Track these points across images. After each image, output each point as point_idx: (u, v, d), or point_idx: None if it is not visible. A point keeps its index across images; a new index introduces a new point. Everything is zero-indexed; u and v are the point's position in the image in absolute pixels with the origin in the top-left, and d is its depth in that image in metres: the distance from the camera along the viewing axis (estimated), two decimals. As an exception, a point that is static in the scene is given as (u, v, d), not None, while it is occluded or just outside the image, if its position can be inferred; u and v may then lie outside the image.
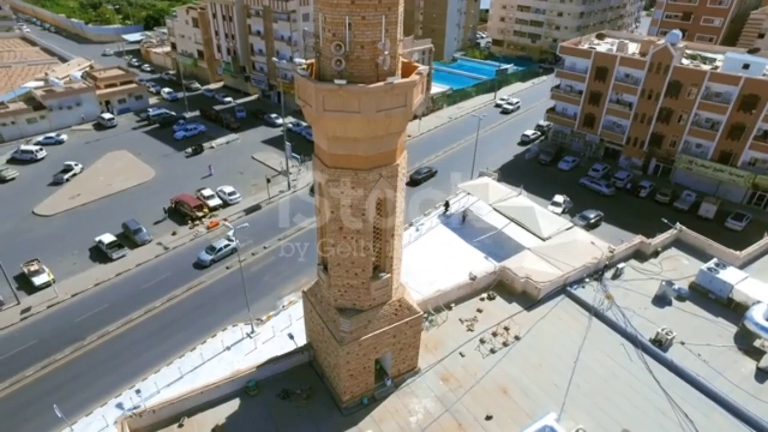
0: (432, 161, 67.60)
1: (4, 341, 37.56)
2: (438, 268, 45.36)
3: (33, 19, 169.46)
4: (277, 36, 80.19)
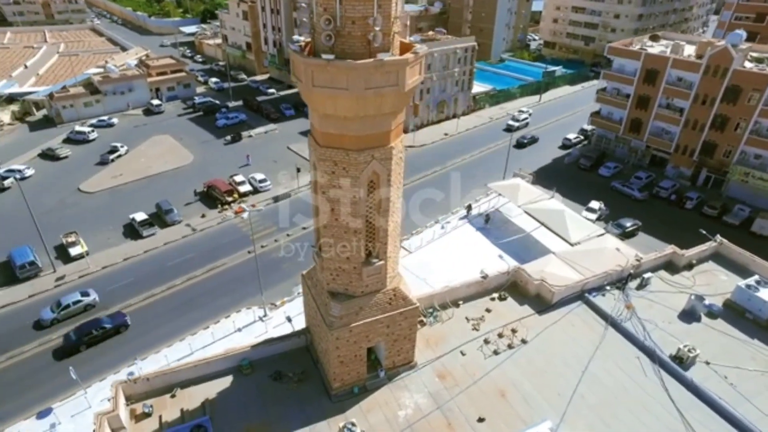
0: (465, 161, 66.22)
1: (36, 306, 39.75)
2: (459, 266, 44.32)
3: (104, 13, 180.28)
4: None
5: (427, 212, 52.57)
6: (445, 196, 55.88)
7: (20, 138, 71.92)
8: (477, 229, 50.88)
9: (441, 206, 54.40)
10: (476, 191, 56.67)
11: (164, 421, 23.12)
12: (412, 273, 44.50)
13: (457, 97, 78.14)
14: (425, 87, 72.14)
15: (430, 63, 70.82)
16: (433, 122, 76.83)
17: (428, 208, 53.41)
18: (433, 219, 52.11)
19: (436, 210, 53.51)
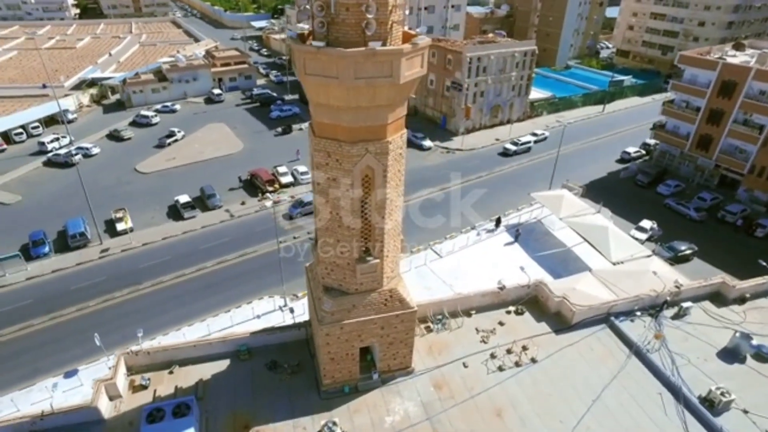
0: (513, 168, 63.76)
1: (81, 274, 42.55)
2: (488, 276, 42.70)
3: (185, 6, 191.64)
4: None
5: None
6: (482, 202, 54.16)
7: (95, 119, 77.66)
8: (514, 238, 48.75)
9: (481, 212, 52.66)
10: (519, 200, 54.35)
11: (158, 395, 23.72)
12: (439, 278, 43.49)
13: (512, 102, 75.49)
14: (479, 90, 70.26)
15: (486, 66, 68.85)
16: (486, 126, 74.69)
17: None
18: (469, 225, 50.49)
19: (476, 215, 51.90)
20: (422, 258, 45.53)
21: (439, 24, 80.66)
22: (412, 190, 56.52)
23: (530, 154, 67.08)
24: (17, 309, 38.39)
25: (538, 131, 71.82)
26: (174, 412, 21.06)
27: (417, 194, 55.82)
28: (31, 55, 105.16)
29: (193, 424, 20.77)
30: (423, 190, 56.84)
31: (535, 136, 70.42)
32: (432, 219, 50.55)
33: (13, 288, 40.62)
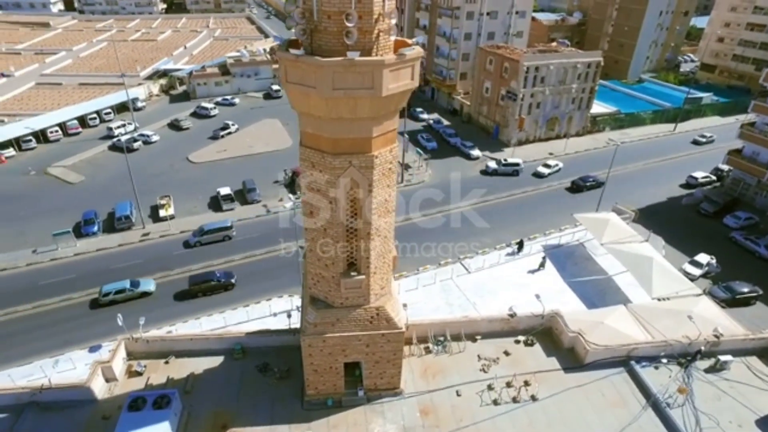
0: (562, 185, 60.33)
1: (122, 255, 45.13)
2: (516, 297, 40.68)
3: (262, 3, 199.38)
4: (439, 32, 79.99)
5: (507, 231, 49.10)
6: (521, 219, 51.76)
7: (161, 108, 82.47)
8: (549, 259, 45.99)
9: (518, 228, 50.32)
10: (562, 220, 51.28)
11: (149, 383, 24.40)
12: (463, 294, 41.84)
13: (572, 115, 71.55)
14: (535, 101, 67.19)
15: (544, 76, 65.70)
16: (540, 139, 71.35)
17: (505, 228, 49.93)
18: (512, 240, 48.23)
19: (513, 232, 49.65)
20: (449, 272, 44.00)
21: (502, 30, 78.02)
22: (453, 199, 55.11)
23: (581, 172, 63.10)
24: (62, 282, 41.27)
25: (551, 162, 64.23)
26: (154, 403, 21.49)
27: (455, 205, 54.29)
28: (119, 47, 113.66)
29: (170, 417, 21.08)
30: (463, 201, 55.16)
31: (549, 167, 63.00)
32: (464, 231, 49.09)
33: (62, 262, 43.77)
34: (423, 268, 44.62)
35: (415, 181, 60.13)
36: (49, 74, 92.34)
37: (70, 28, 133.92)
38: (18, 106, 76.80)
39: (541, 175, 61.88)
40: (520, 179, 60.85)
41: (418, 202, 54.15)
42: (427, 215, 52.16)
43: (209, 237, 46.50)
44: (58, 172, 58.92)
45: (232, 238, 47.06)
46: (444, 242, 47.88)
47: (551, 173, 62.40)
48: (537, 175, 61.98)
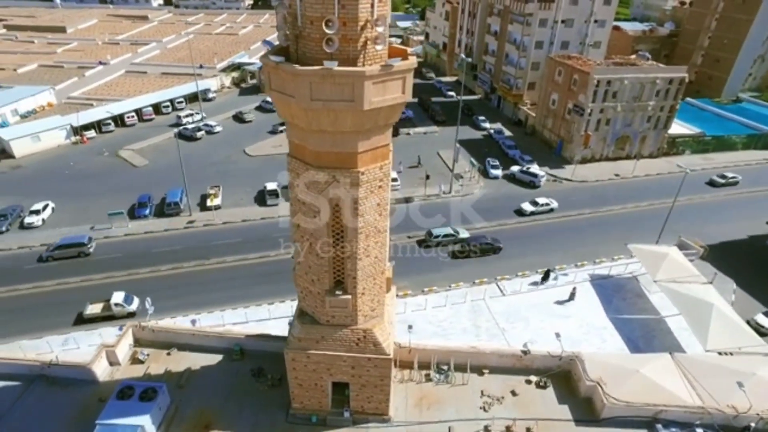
0: (626, 210, 55.48)
1: (166, 239, 47.23)
2: (549, 329, 37.86)
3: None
4: (510, 38, 76.65)
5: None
6: (571, 244, 48.12)
7: (230, 100, 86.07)
8: (597, 292, 42.32)
9: (567, 252, 46.89)
10: (616, 249, 47.06)
11: (148, 372, 24.94)
12: (493, 317, 39.47)
13: (646, 135, 65.67)
14: (605, 117, 62.34)
15: (617, 91, 60.73)
16: (608, 158, 66.19)
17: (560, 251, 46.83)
18: (547, 265, 45.08)
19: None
20: (482, 292, 41.68)
21: (577, 40, 73.21)
22: (500, 215, 52.46)
23: (648, 198, 57.59)
24: (109, 260, 43.91)
25: (542, 200, 54.37)
26: (141, 394, 21.83)
27: (501, 221, 51.68)
28: (203, 39, 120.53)
29: (152, 411, 21.29)
30: (511, 218, 52.37)
31: (539, 206, 53.83)
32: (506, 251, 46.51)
33: (113, 240, 46.61)
34: (455, 285, 42.72)
35: (464, 193, 57.93)
36: (137, 63, 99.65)
37: (165, 21, 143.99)
38: (107, 91, 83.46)
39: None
40: (576, 200, 56.69)
41: (463, 214, 52.15)
42: (470, 229, 49.98)
43: (61, 252, 43.24)
44: (127, 155, 63.12)
45: (89, 254, 44.08)
46: (482, 259, 45.70)
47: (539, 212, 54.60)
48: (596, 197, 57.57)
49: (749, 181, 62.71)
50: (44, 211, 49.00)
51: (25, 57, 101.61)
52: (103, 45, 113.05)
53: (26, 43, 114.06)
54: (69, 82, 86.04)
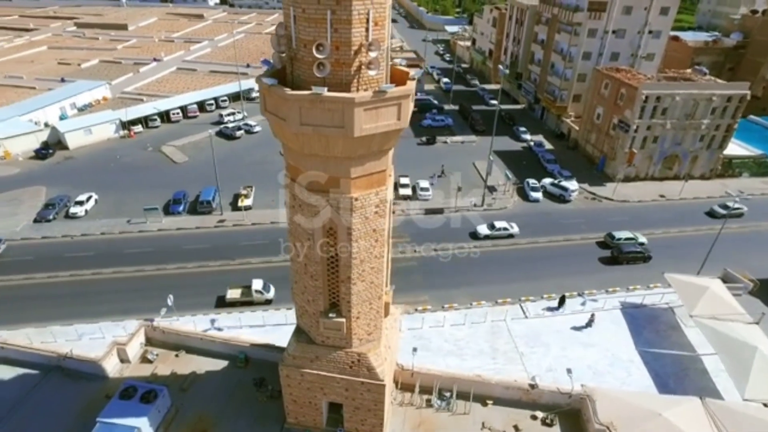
0: (667, 235, 52.28)
1: (196, 237, 48.56)
2: (570, 355, 36.38)
3: (394, 5, 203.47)
4: (557, 48, 74.05)
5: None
6: (603, 268, 45.87)
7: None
8: (627, 321, 40.14)
9: (599, 277, 44.74)
10: (653, 277, 44.45)
11: (155, 372, 25.58)
12: (512, 340, 38.13)
13: (697, 154, 61.70)
14: (652, 134, 59.05)
15: (668, 107, 57.36)
16: (653, 178, 62.70)
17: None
18: (575, 290, 43.18)
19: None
20: (503, 312, 40.37)
21: (629, 51, 69.71)
22: (533, 232, 50.68)
23: (695, 223, 54.01)
24: (140, 253, 45.55)
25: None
26: (142, 396, 22.36)
27: (532, 239, 49.94)
28: (253, 39, 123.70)
29: (151, 413, 21.76)
30: (542, 236, 50.51)
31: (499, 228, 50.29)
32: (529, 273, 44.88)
33: (146, 235, 48.41)
34: (476, 303, 41.59)
35: (497, 207, 56.41)
36: (188, 61, 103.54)
37: (219, 20, 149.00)
38: (157, 88, 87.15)
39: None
40: (615, 221, 53.92)
41: (491, 229, 50.78)
42: (497, 246, 48.64)
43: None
44: (169, 151, 65.53)
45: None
46: (508, 276, 44.28)
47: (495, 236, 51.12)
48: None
49: None
50: (88, 202, 51.52)
51: (89, 53, 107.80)
52: (159, 42, 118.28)
53: (91, 39, 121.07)
54: (124, 77, 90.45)
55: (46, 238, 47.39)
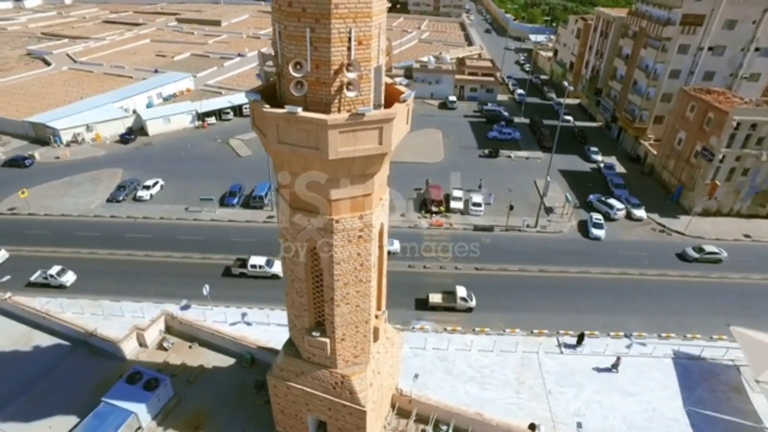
0: (746, 282, 46.40)
1: (245, 230, 50.33)
2: (605, 403, 33.47)
3: (481, 10, 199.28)
4: (641, 64, 68.41)
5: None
6: (654, 309, 41.64)
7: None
8: (678, 373, 36.13)
9: (648, 318, 40.73)
10: (714, 326, 39.74)
11: (167, 360, 26.71)
12: (542, 376, 35.55)
13: (797, 192, 54.28)
14: (741, 166, 52.70)
15: (764, 137, 50.92)
16: (739, 214, 55.99)
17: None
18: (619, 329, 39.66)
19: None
20: (537, 344, 37.85)
21: (727, 71, 62.68)
22: (584, 261, 47.22)
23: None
24: (190, 241, 48.06)
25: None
26: (146, 382, 23.37)
27: (582, 269, 46.53)
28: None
29: (150, 400, 22.71)
30: (593, 266, 46.90)
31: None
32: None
33: (199, 224, 51.04)
34: (510, 331, 39.41)
35: (552, 230, 53.16)
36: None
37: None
38: (237, 82, 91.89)
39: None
40: (672, 259, 48.81)
41: (540, 255, 48.00)
42: (544, 272, 45.88)
43: None
44: (235, 144, 68.75)
45: None
46: (549, 305, 41.53)
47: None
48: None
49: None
50: (154, 187, 55.34)
51: (184, 46, 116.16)
52: (246, 38, 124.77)
53: (187, 34, 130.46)
54: (209, 71, 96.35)
55: (114, 218, 51.49)
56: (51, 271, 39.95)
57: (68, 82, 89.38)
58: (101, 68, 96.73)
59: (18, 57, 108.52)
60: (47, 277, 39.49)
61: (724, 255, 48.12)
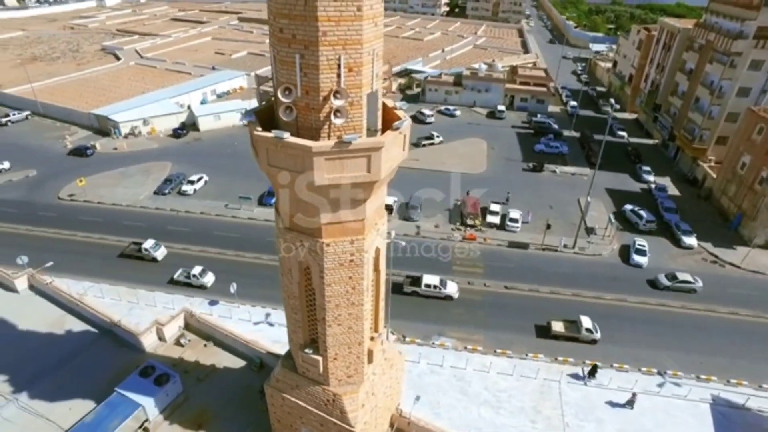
0: None
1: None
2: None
3: (542, 16, 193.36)
4: (705, 80, 63.92)
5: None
6: (697, 350, 38.81)
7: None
8: (716, 422, 33.47)
9: (688, 357, 38.06)
10: (764, 373, 36.52)
11: (182, 356, 27.72)
12: (561, 407, 33.92)
13: None
14: (812, 196, 48.15)
15: (839, 167, 46.27)
16: (807, 249, 51.19)
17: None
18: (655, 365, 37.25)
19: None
20: (559, 373, 36.23)
21: (800, 91, 57.58)
22: (627, 288, 44.73)
23: None
24: (226, 237, 49.62)
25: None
26: (157, 377, 24.34)
27: (621, 296, 44.13)
28: (389, 41, 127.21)
29: (158, 395, 23.63)
30: (636, 295, 44.34)
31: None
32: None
33: (236, 221, 52.66)
34: (533, 356, 37.97)
35: (590, 252, 50.76)
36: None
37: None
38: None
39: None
40: (735, 293, 45.16)
41: (575, 278, 45.96)
42: (578, 296, 43.90)
43: None
44: (279, 145, 70.31)
45: None
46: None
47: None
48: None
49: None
50: (198, 182, 57.67)
51: (242, 45, 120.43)
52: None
53: (247, 32, 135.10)
54: (263, 69, 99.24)
55: (158, 210, 54.11)
56: (194, 270, 41.49)
57: (133, 76, 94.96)
58: (164, 64, 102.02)
59: (94, 52, 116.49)
60: (189, 276, 41.00)
61: (699, 285, 44.71)
